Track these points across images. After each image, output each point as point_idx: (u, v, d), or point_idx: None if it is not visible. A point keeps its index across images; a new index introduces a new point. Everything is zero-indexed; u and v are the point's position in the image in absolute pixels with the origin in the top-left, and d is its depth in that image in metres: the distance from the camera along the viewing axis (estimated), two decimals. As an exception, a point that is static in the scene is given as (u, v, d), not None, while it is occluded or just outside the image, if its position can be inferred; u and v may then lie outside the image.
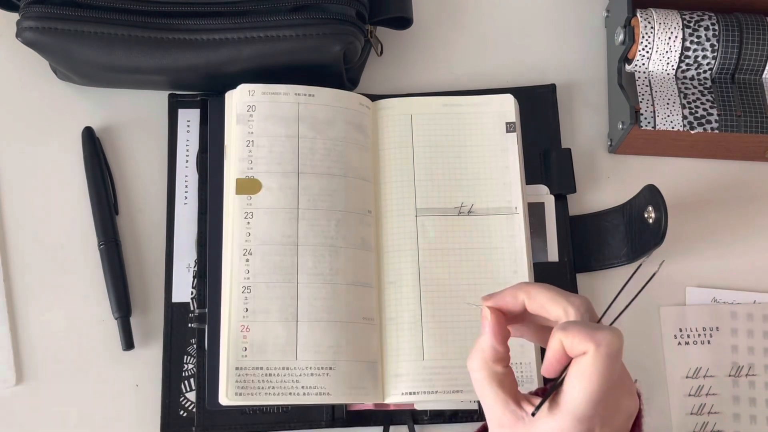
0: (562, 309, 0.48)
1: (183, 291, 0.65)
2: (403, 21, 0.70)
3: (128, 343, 0.63)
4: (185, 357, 0.64)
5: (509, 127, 0.68)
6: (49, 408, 0.63)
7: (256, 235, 0.63)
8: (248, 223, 0.63)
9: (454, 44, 0.75)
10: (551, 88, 0.72)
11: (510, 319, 0.50)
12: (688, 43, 0.67)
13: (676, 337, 0.66)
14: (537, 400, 0.47)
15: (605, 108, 0.73)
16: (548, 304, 0.49)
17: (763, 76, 0.68)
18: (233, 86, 0.67)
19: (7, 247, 0.67)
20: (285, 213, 0.63)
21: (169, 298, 0.65)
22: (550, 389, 0.48)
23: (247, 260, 0.62)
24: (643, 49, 0.68)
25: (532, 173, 0.69)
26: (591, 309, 0.49)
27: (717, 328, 0.66)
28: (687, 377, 0.65)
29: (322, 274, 0.62)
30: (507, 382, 0.48)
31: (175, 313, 0.65)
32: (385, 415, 0.63)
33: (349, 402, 0.62)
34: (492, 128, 0.68)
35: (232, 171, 0.65)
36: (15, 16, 0.64)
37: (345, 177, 0.65)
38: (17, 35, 0.63)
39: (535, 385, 0.61)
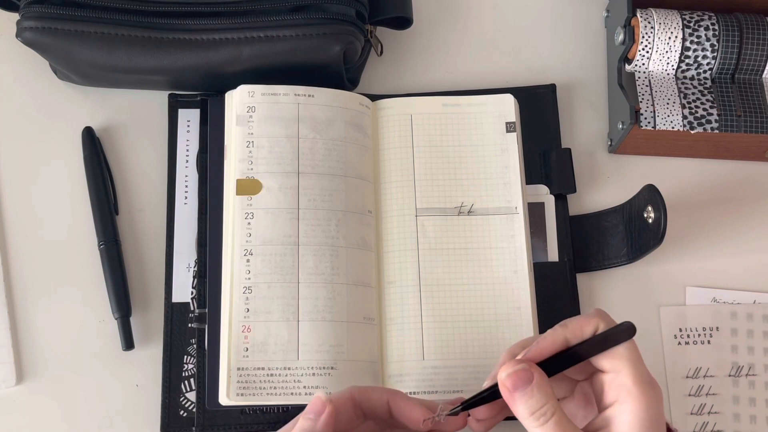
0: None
1: (183, 291, 0.65)
2: (403, 21, 0.70)
3: (128, 343, 0.63)
4: (185, 357, 0.64)
5: (509, 127, 0.68)
6: (49, 408, 0.63)
7: (257, 236, 0.63)
8: (249, 223, 0.63)
9: (454, 44, 0.75)
10: (551, 88, 0.72)
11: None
12: (688, 43, 0.67)
13: (676, 337, 0.66)
14: None
15: (605, 108, 0.73)
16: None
17: (763, 76, 0.68)
18: (233, 86, 0.67)
19: (7, 247, 0.67)
20: (285, 213, 0.63)
21: (169, 298, 0.65)
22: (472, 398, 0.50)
23: (248, 260, 0.62)
24: (643, 49, 0.68)
25: (532, 173, 0.69)
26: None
27: (717, 328, 0.66)
28: (687, 377, 0.65)
29: (323, 274, 0.62)
30: None
31: (175, 313, 0.65)
32: (386, 415, 0.63)
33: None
34: (492, 128, 0.68)
35: (232, 172, 0.65)
36: (15, 16, 0.64)
37: (345, 177, 0.65)
38: (17, 35, 0.63)
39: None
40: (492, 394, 0.50)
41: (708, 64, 0.68)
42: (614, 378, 0.48)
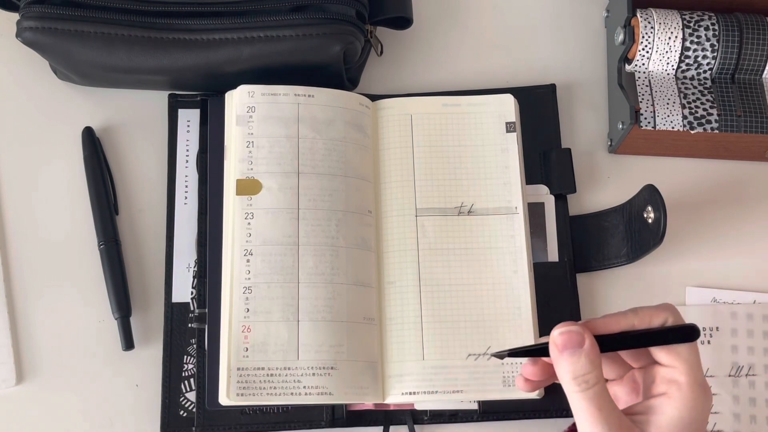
0: None
1: (183, 291, 0.65)
2: (403, 21, 0.70)
3: (128, 343, 0.63)
4: (185, 357, 0.64)
5: (509, 127, 0.68)
6: (49, 408, 0.63)
7: (257, 236, 0.63)
8: (249, 223, 0.63)
9: (454, 44, 0.75)
10: (551, 88, 0.72)
11: None
12: (688, 43, 0.67)
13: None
14: None
15: (605, 108, 0.73)
16: None
17: (763, 76, 0.68)
18: (233, 86, 0.67)
19: (7, 247, 0.67)
20: (285, 213, 0.63)
21: (169, 298, 0.65)
22: (526, 347, 0.50)
23: (248, 261, 0.62)
24: (643, 49, 0.68)
25: (532, 173, 0.69)
26: None
27: (717, 328, 0.66)
28: (687, 377, 0.65)
29: (323, 274, 0.62)
30: None
31: (175, 313, 0.65)
32: (385, 415, 0.63)
33: (350, 402, 0.62)
34: (492, 128, 0.68)
35: (232, 172, 0.65)
36: (15, 16, 0.64)
37: (345, 177, 0.65)
38: (17, 35, 0.63)
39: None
40: (541, 351, 0.50)
41: (708, 64, 0.68)
42: (669, 373, 0.48)
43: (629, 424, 0.47)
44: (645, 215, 0.64)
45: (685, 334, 0.48)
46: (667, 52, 0.67)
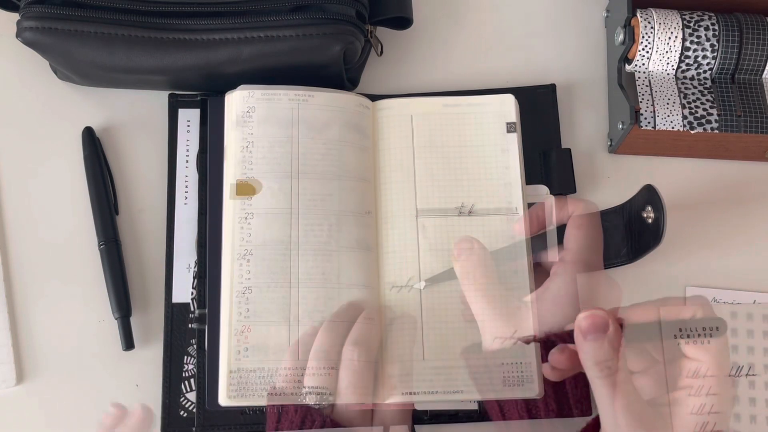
0: None
1: (183, 291, 0.65)
2: (403, 21, 0.70)
3: (128, 343, 0.63)
4: (185, 357, 0.64)
5: (509, 128, 0.68)
6: (49, 408, 0.63)
7: (256, 237, 0.63)
8: (248, 224, 0.63)
9: (454, 44, 0.75)
10: (551, 88, 0.72)
11: None
12: (688, 43, 0.67)
13: (676, 337, 0.66)
14: None
15: (605, 108, 0.73)
16: None
17: (763, 76, 0.68)
18: (233, 86, 0.67)
19: (7, 247, 0.67)
20: (284, 214, 0.63)
21: (169, 298, 0.65)
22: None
23: (247, 261, 0.62)
24: (643, 49, 0.68)
25: (532, 173, 0.69)
26: None
27: (717, 328, 0.66)
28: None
29: (322, 275, 0.62)
30: None
31: (175, 313, 0.65)
32: (386, 415, 0.63)
33: (350, 402, 0.62)
34: (492, 128, 0.68)
35: (231, 173, 0.65)
36: (15, 16, 0.64)
37: (344, 178, 0.65)
38: (17, 35, 0.63)
39: (535, 385, 0.61)
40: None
41: (708, 64, 0.68)
42: (695, 366, 0.48)
43: (653, 413, 0.47)
44: (645, 215, 0.64)
45: (713, 328, 0.48)
46: (667, 52, 0.67)
